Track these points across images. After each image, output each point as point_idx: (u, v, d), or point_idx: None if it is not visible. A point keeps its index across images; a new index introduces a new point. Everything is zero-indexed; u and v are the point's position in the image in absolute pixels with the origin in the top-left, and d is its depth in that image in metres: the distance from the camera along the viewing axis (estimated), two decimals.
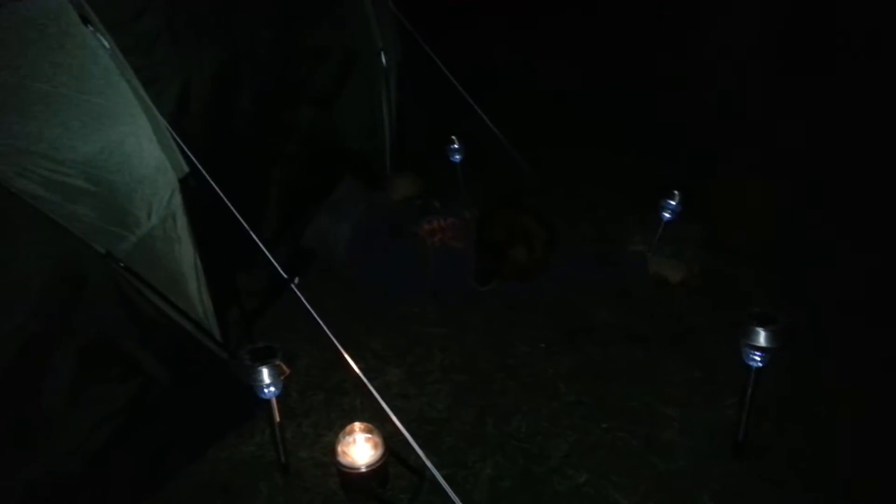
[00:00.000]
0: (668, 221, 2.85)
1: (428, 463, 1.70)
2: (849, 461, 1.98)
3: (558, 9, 6.25)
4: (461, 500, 1.58)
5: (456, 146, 3.34)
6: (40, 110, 1.77)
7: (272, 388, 1.87)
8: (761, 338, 1.81)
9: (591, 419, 2.17)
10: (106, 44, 1.90)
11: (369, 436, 1.88)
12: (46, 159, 1.77)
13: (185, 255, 2.11)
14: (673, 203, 2.83)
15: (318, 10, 2.99)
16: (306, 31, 2.94)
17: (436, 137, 3.49)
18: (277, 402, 1.92)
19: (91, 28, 1.87)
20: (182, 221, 2.09)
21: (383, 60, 3.29)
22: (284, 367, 1.87)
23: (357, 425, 1.89)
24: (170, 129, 2.03)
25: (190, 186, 2.09)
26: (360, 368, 1.92)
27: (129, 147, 1.96)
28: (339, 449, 1.87)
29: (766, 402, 2.06)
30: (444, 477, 1.67)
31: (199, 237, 2.15)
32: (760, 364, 1.85)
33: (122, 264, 1.93)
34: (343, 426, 1.92)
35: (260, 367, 1.84)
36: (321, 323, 1.93)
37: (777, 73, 4.75)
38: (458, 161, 3.37)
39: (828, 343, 2.39)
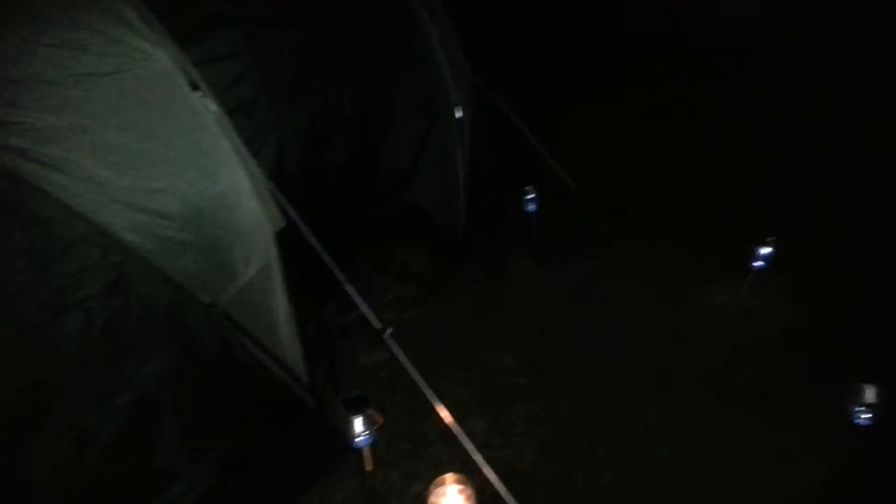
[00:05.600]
0: (760, 270, 2.75)
1: None
2: None
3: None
4: None
5: (531, 196, 3.35)
6: (155, 170, 1.89)
7: (364, 438, 1.90)
8: (870, 395, 1.75)
9: (687, 476, 2.11)
10: (213, 108, 2.03)
11: (462, 487, 1.86)
12: (159, 216, 1.88)
13: (280, 304, 2.18)
14: (767, 251, 2.73)
15: (395, 67, 3.10)
16: (384, 91, 3.04)
17: (508, 187, 3.53)
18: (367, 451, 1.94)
19: (200, 93, 2.01)
20: (277, 272, 2.17)
21: (458, 114, 3.36)
22: (377, 416, 1.90)
23: (449, 476, 1.87)
24: (268, 184, 2.13)
25: (285, 239, 2.17)
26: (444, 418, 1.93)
27: (230, 202, 2.06)
28: (431, 501, 1.86)
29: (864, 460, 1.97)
30: None
31: (291, 287, 2.22)
32: (869, 422, 1.78)
33: (224, 315, 2.01)
34: (431, 477, 1.90)
35: (353, 417, 1.87)
36: (415, 374, 1.96)
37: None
38: (532, 210, 3.37)
39: None
